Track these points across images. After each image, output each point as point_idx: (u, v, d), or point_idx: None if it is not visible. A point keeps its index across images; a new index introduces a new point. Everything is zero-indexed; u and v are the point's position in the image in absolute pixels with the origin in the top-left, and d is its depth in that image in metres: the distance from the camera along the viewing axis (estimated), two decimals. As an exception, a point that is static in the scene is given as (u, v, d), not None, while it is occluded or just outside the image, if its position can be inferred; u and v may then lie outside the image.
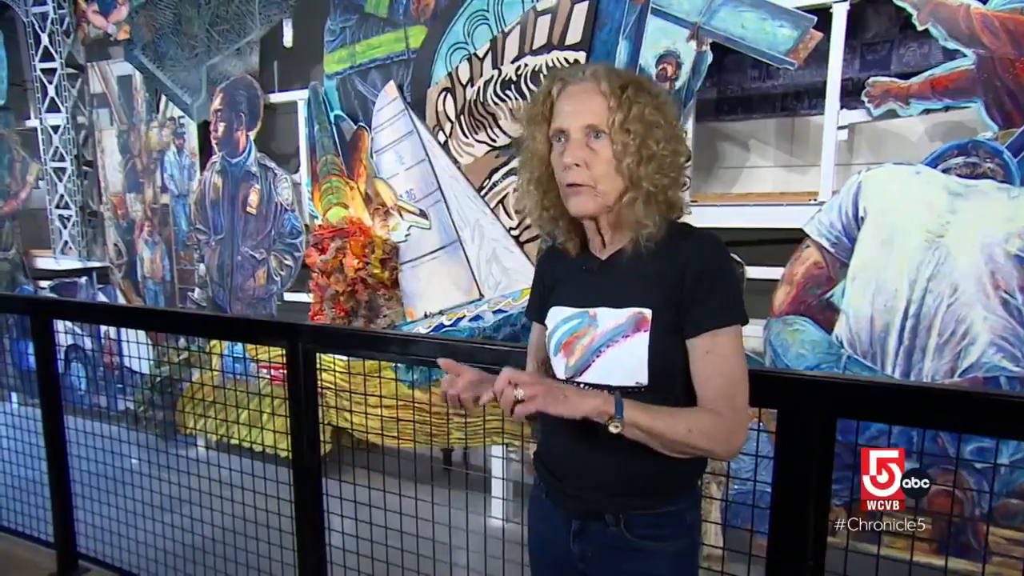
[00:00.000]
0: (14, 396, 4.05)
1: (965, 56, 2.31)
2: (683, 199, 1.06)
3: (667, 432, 0.94)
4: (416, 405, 2.33)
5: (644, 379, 0.99)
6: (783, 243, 2.70)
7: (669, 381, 1.00)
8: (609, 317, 1.03)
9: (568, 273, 1.13)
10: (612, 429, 0.93)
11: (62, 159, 4.81)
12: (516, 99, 3.13)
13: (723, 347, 0.98)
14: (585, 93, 1.01)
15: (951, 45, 2.33)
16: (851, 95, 2.70)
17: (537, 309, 1.20)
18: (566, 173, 1.01)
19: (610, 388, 0.99)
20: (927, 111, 2.44)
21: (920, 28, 2.36)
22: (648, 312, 1.00)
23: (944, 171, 2.37)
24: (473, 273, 3.38)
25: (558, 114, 1.03)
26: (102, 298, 4.94)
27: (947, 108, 2.40)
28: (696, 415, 0.97)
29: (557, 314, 1.10)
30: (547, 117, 1.05)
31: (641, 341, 0.99)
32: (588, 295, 1.07)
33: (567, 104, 1.02)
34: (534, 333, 1.24)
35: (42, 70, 4.72)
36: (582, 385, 1.03)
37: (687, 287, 0.98)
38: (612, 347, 1.01)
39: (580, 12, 2.91)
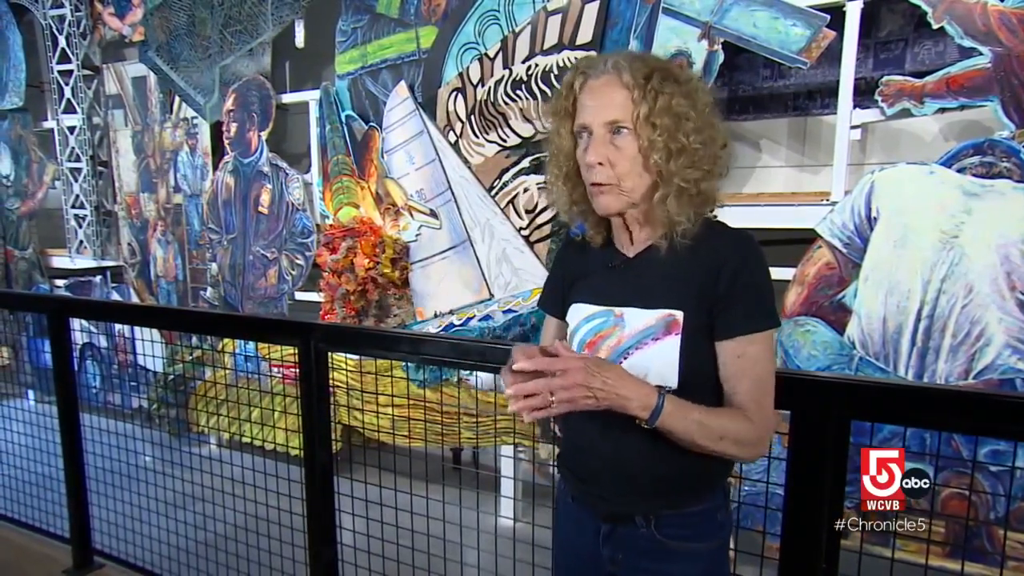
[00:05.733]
0: (31, 393, 4.10)
1: (981, 54, 2.28)
2: (718, 191, 1.00)
3: (699, 440, 0.93)
4: (426, 405, 2.34)
5: (674, 382, 0.97)
6: (795, 243, 2.68)
7: (699, 384, 0.97)
8: (638, 318, 0.99)
9: (592, 269, 1.08)
10: (643, 425, 0.92)
11: (78, 159, 4.87)
12: (527, 99, 3.13)
13: (756, 351, 0.95)
14: (606, 87, 0.96)
15: (967, 43, 2.30)
16: (864, 94, 2.67)
17: (552, 302, 1.16)
18: (590, 172, 0.98)
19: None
20: (942, 110, 2.41)
21: (935, 26, 2.33)
22: (680, 314, 0.96)
23: (959, 171, 2.34)
24: (483, 273, 3.39)
25: (581, 109, 0.98)
26: (116, 297, 5.00)
27: (963, 107, 2.37)
28: (729, 421, 0.94)
29: (579, 312, 1.06)
30: (571, 112, 1.00)
31: (672, 344, 0.96)
32: (614, 293, 1.03)
33: (589, 99, 0.97)
34: (548, 326, 1.19)
35: (59, 72, 4.78)
36: None
37: (721, 287, 0.95)
38: (641, 349, 0.98)
39: (591, 12, 2.91)
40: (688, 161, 0.95)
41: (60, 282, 5.19)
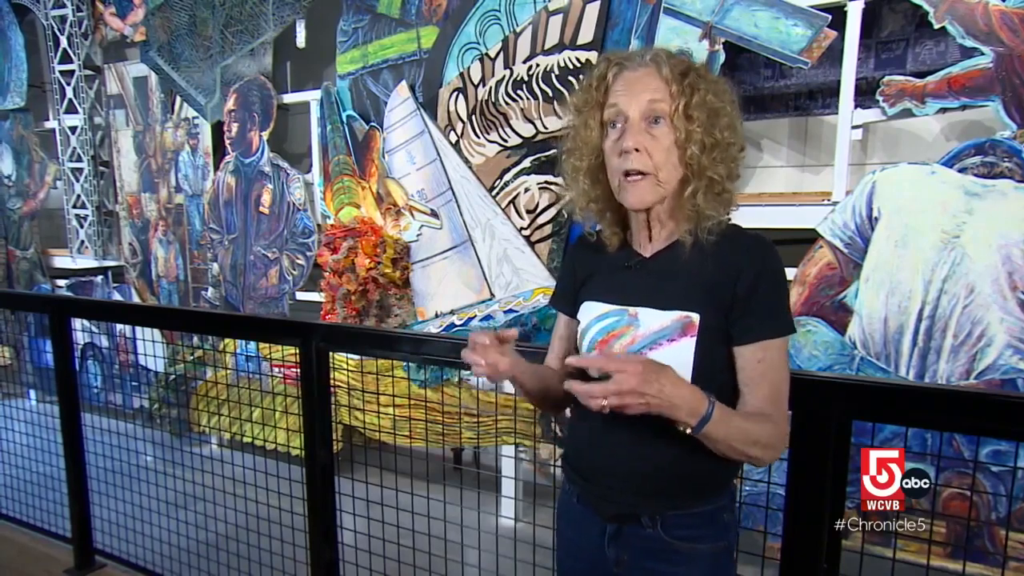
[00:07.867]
0: (32, 393, 4.11)
1: (983, 54, 2.28)
2: (735, 194, 1.01)
3: (736, 445, 0.91)
4: (427, 404, 2.34)
5: None
6: (796, 243, 2.68)
7: (713, 387, 0.95)
8: (653, 318, 0.98)
9: (605, 267, 1.08)
10: (686, 431, 0.90)
11: (79, 159, 4.88)
12: (528, 99, 3.13)
13: (774, 356, 0.95)
14: (645, 77, 0.96)
15: (968, 43, 2.30)
16: (865, 94, 2.67)
17: (564, 300, 1.15)
18: (624, 159, 0.96)
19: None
20: (943, 110, 2.41)
21: (937, 26, 2.33)
22: (696, 316, 0.96)
23: (960, 171, 2.34)
24: (484, 273, 3.39)
25: (614, 99, 0.97)
26: (117, 297, 5.00)
27: (964, 107, 2.37)
28: (762, 426, 0.93)
29: (591, 310, 1.05)
30: (601, 103, 0.99)
31: (687, 346, 0.95)
32: (628, 293, 1.02)
33: (625, 89, 0.96)
34: (560, 324, 1.19)
35: (60, 72, 4.78)
36: None
37: (740, 292, 0.95)
38: (655, 350, 0.97)
39: (592, 12, 2.91)
40: (720, 156, 0.96)
41: (61, 282, 5.19)
